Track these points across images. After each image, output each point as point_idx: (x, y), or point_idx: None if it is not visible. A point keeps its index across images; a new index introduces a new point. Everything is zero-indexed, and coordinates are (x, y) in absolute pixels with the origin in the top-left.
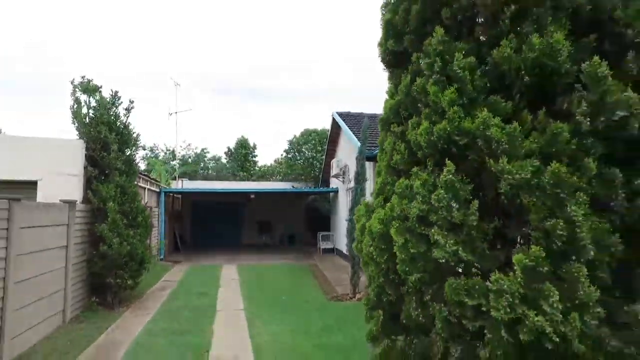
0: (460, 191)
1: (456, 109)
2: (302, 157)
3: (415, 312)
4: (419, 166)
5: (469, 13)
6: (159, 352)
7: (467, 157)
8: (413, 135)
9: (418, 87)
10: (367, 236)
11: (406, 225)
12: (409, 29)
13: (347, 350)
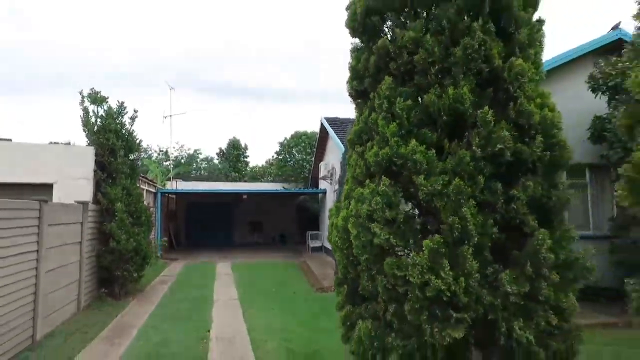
0: (392, 198)
1: (396, 139)
2: (293, 159)
3: (367, 284)
4: (372, 179)
5: (409, 66)
6: (167, 332)
7: (402, 174)
8: (368, 155)
9: (372, 119)
10: (334, 230)
11: (359, 222)
12: (368, 74)
13: (329, 331)
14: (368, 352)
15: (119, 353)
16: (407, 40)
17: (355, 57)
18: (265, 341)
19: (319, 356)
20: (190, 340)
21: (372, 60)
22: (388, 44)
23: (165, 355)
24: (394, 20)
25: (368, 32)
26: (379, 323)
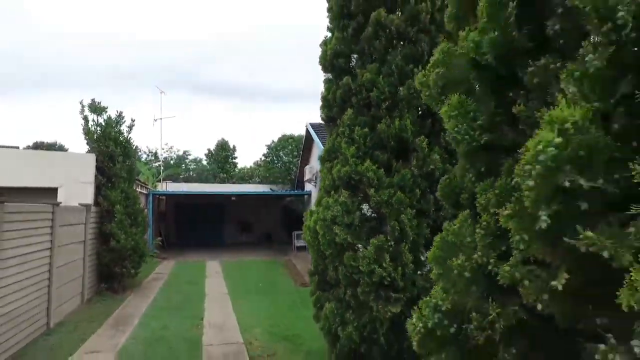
0: (350, 206)
1: (354, 159)
2: (280, 161)
3: (332, 274)
4: (336, 190)
5: (367, 100)
6: (165, 320)
7: (359, 187)
8: (334, 171)
9: (337, 142)
10: (308, 231)
11: (325, 224)
12: (335, 104)
13: (307, 318)
14: (332, 326)
15: (126, 336)
16: (365, 80)
17: (326, 88)
18: (252, 327)
19: (297, 338)
20: (186, 326)
21: (338, 94)
22: (350, 82)
23: (166, 337)
24: (356, 61)
25: (336, 70)
26: (340, 304)
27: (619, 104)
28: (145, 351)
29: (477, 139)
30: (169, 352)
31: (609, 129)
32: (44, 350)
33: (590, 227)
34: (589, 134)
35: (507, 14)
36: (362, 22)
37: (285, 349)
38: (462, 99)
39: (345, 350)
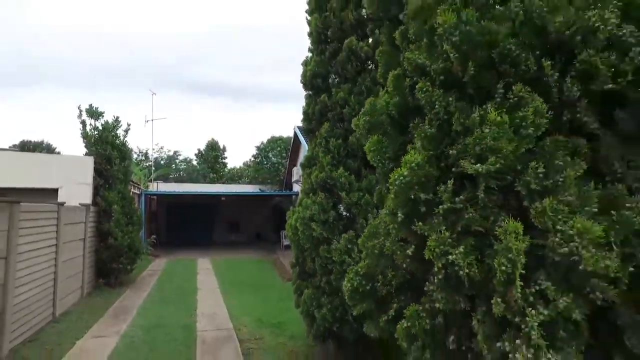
0: (325, 206)
1: (330, 167)
2: (269, 162)
3: (310, 265)
4: (314, 193)
5: (341, 115)
6: (161, 311)
7: (333, 190)
8: (312, 176)
9: (316, 151)
10: (290, 228)
11: (304, 222)
12: (314, 118)
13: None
14: (310, 310)
15: (127, 324)
16: (339, 98)
17: (307, 104)
18: (241, 316)
19: (282, 325)
20: (181, 315)
21: (316, 109)
22: (327, 100)
23: (163, 325)
24: (332, 81)
25: (314, 88)
26: (317, 290)
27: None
28: (145, 335)
29: (387, 165)
30: (167, 336)
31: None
32: (54, 335)
33: (424, 221)
34: (425, 169)
35: (405, 85)
36: (337, 48)
37: (271, 333)
38: (379, 139)
39: (321, 329)
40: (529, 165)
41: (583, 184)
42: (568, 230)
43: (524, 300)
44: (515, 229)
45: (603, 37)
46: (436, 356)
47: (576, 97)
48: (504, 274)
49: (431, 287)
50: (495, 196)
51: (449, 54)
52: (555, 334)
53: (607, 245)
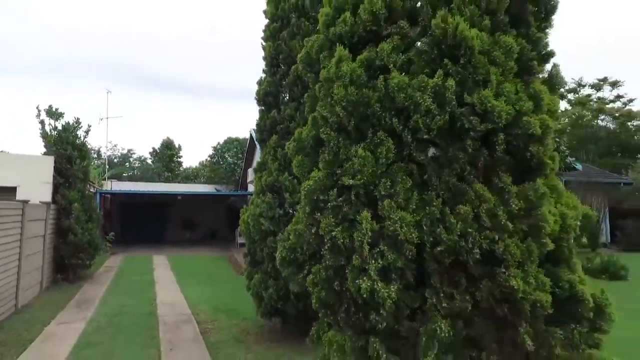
0: (272, 205)
1: (277, 172)
2: (225, 163)
3: (259, 254)
4: (264, 194)
5: (287, 129)
6: (123, 300)
7: (280, 192)
8: (262, 180)
9: (266, 158)
10: (243, 223)
11: (254, 217)
12: (266, 130)
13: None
14: (259, 291)
15: (91, 312)
16: (287, 115)
17: (260, 117)
18: (199, 304)
19: (235, 310)
20: (142, 304)
21: (267, 123)
22: (276, 115)
23: (126, 312)
24: (281, 99)
25: (266, 105)
26: (265, 275)
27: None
28: (110, 320)
29: (305, 177)
30: (131, 321)
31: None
32: (21, 323)
33: (321, 212)
34: (323, 181)
35: (318, 124)
36: (286, 71)
37: (226, 316)
38: (302, 159)
39: (268, 307)
40: (382, 181)
41: (411, 192)
42: (395, 218)
43: (370, 257)
44: (367, 217)
45: (423, 109)
46: (328, 294)
47: (410, 141)
48: (360, 242)
49: (324, 252)
50: (361, 198)
51: (339, 112)
52: (389, 275)
53: (417, 226)
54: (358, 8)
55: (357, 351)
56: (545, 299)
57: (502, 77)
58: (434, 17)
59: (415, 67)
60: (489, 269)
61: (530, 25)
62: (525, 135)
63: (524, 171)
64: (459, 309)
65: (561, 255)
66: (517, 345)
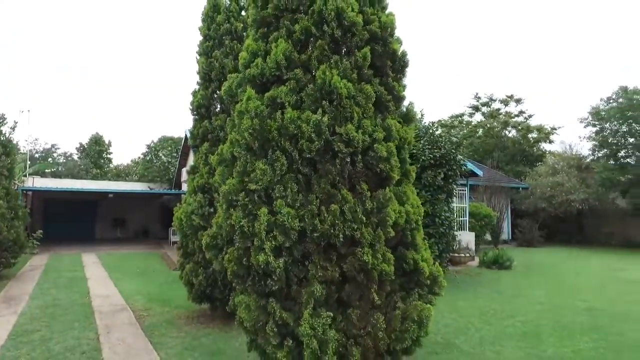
0: (203, 203)
1: (207, 175)
2: (159, 161)
3: (191, 246)
4: (195, 194)
5: (218, 137)
6: (55, 295)
7: (210, 192)
8: (195, 181)
9: (198, 163)
10: (177, 220)
11: (187, 214)
12: (199, 137)
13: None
14: (190, 278)
15: (22, 306)
16: (217, 125)
17: (194, 126)
18: (133, 295)
19: (169, 300)
20: (75, 298)
21: (200, 131)
22: (208, 125)
23: (60, 305)
24: (213, 109)
25: (199, 115)
26: (195, 265)
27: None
28: (44, 312)
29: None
30: (65, 311)
31: (241, 185)
32: None
33: (234, 209)
34: (236, 186)
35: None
36: (218, 86)
37: (160, 305)
38: (223, 169)
39: (198, 292)
40: (277, 186)
41: (298, 195)
42: (284, 212)
43: (266, 239)
44: (264, 212)
45: (307, 136)
46: (239, 268)
47: (298, 158)
48: (259, 229)
49: (235, 238)
50: (262, 199)
51: (247, 137)
52: (280, 252)
53: (301, 219)
54: (268, 55)
55: (260, 309)
56: (389, 269)
57: (363, 115)
58: (318, 69)
59: (305, 105)
60: (351, 249)
61: (389, 76)
62: (377, 157)
63: (378, 181)
64: (331, 277)
65: (407, 240)
66: (370, 301)
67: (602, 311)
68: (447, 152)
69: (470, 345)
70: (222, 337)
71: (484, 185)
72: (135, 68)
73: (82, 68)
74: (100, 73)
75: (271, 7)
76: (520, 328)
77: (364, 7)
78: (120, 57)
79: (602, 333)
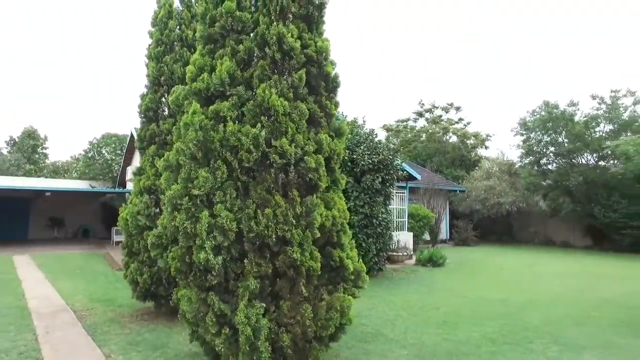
0: (149, 204)
1: (154, 177)
2: (102, 159)
3: (136, 246)
4: (141, 194)
5: (165, 141)
6: None
7: (156, 193)
8: (141, 183)
9: (144, 164)
10: (122, 220)
11: (132, 215)
12: (146, 140)
13: (121, 289)
14: (135, 277)
15: None
16: (165, 128)
17: (141, 128)
18: (74, 295)
19: (112, 299)
20: (10, 300)
21: (147, 134)
22: (155, 128)
23: None
24: (160, 114)
25: (147, 118)
26: (140, 264)
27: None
28: None
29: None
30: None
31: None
32: None
33: (177, 212)
34: (180, 191)
35: (179, 152)
36: (167, 90)
37: (102, 305)
38: (168, 174)
39: (143, 290)
40: (217, 192)
41: (236, 200)
42: (223, 215)
43: (207, 239)
44: (205, 215)
45: (246, 148)
46: (182, 265)
47: (238, 167)
48: (200, 230)
49: (179, 237)
50: (203, 203)
51: (192, 147)
52: (219, 251)
53: (239, 221)
54: (214, 71)
55: (200, 301)
56: (315, 266)
57: (296, 130)
58: (259, 87)
59: (245, 119)
60: (283, 248)
61: (322, 95)
62: (307, 167)
63: (308, 189)
64: (265, 272)
65: (334, 240)
66: (300, 293)
67: (513, 301)
68: (385, 157)
69: (396, 333)
70: (166, 333)
71: (424, 188)
72: (78, 63)
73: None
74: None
75: (218, 26)
76: (441, 318)
77: (302, 32)
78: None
79: (508, 319)
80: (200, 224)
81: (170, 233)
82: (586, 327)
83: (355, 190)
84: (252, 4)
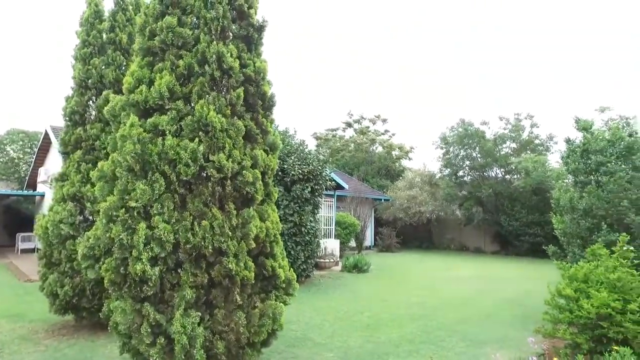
0: (73, 212)
1: (80, 183)
2: (7, 157)
3: (58, 255)
4: (65, 202)
5: (93, 146)
6: None
7: (81, 201)
8: (64, 190)
9: (69, 170)
10: (40, 228)
11: (54, 223)
12: (71, 145)
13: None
14: (54, 289)
15: None
16: (92, 133)
17: (65, 132)
18: None
19: (21, 314)
20: None
21: (73, 138)
22: (82, 132)
23: None
24: (87, 117)
25: (72, 121)
26: (61, 274)
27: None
28: None
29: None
30: None
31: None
32: None
33: (113, 223)
34: (115, 203)
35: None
36: (96, 94)
37: (9, 321)
38: (103, 185)
39: (63, 303)
40: (155, 204)
41: (174, 212)
42: (161, 227)
43: (144, 251)
44: (142, 227)
45: (184, 161)
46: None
47: (176, 181)
48: (137, 242)
49: (114, 249)
50: (141, 215)
51: (129, 159)
52: (155, 262)
53: (176, 233)
54: (153, 84)
55: (135, 312)
56: (249, 275)
57: (233, 145)
58: (198, 103)
59: (183, 134)
60: (219, 258)
61: (259, 113)
62: (244, 181)
63: (244, 202)
64: (201, 282)
65: (267, 251)
66: (234, 301)
67: (430, 303)
68: (315, 168)
69: (323, 337)
70: (89, 347)
71: (351, 197)
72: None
73: None
74: None
75: (158, 39)
76: (365, 321)
77: (242, 52)
78: None
79: (424, 320)
80: (138, 235)
81: (104, 244)
82: (489, 324)
83: (285, 199)
84: (193, 21)
